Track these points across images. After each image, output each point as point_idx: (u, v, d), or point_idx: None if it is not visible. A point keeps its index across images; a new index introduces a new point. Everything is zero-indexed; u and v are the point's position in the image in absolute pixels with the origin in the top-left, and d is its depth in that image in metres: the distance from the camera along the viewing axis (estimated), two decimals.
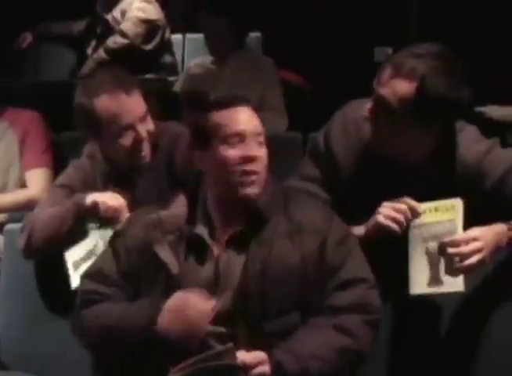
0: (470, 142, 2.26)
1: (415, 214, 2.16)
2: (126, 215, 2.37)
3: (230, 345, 1.92)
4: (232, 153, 2.05)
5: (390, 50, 4.89)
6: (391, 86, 2.13)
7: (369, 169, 2.26)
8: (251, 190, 2.06)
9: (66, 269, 2.36)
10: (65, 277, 2.36)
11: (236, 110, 2.09)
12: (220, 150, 2.06)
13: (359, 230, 2.23)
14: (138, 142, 2.48)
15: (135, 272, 2.11)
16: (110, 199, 2.42)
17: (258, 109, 2.16)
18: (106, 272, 2.14)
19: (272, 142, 2.16)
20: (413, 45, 2.19)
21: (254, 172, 2.05)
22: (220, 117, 2.08)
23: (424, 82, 2.09)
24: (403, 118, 2.14)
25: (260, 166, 2.07)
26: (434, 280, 2.11)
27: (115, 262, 2.14)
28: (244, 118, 2.08)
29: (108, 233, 2.35)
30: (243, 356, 1.93)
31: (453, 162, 2.24)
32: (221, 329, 2.01)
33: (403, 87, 2.11)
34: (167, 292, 2.03)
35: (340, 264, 2.06)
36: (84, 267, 2.32)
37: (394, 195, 2.19)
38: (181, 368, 1.90)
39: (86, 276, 2.19)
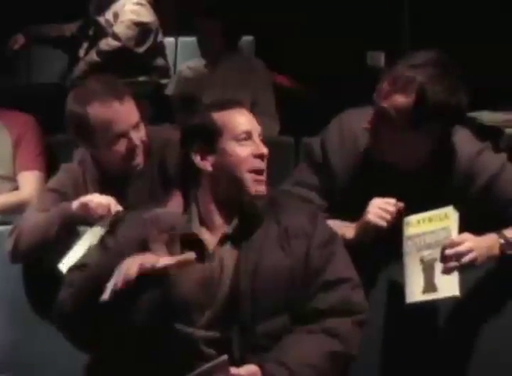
0: (462, 144, 2.30)
1: (400, 210, 2.21)
2: (117, 208, 2.36)
3: (224, 357, 1.90)
4: (244, 150, 2.09)
5: (382, 54, 4.89)
6: (390, 99, 2.17)
7: (366, 178, 2.30)
8: (262, 188, 2.10)
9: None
10: (55, 280, 2.34)
11: (237, 111, 2.13)
12: (230, 148, 2.09)
13: (349, 233, 2.25)
14: (131, 149, 2.48)
15: None
16: (97, 197, 2.41)
17: (250, 112, 2.17)
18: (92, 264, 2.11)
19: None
20: (410, 55, 2.23)
21: (263, 170, 2.11)
22: (224, 117, 2.11)
23: (423, 92, 2.13)
24: (404, 128, 2.18)
25: (266, 164, 2.12)
26: (429, 287, 2.13)
27: (104, 253, 2.12)
28: (247, 118, 2.13)
29: (100, 231, 2.34)
30: (237, 370, 1.92)
31: (448, 165, 2.28)
32: (213, 334, 2.01)
33: (402, 99, 2.16)
34: (162, 290, 2.03)
35: (323, 265, 2.08)
36: None
37: None
38: None
39: (74, 269, 2.16)
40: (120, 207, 2.36)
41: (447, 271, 2.10)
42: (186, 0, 5.25)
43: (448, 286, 2.10)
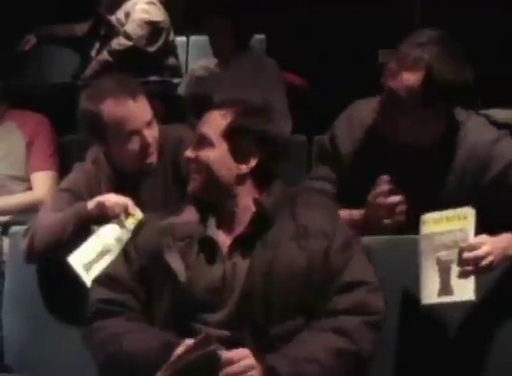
0: (479, 129, 2.32)
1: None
2: (135, 209, 2.36)
3: (203, 334, 1.91)
4: None
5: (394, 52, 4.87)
6: (398, 78, 2.19)
7: (376, 163, 2.30)
8: (190, 186, 2.14)
9: (76, 273, 2.33)
10: (68, 280, 2.35)
11: (207, 114, 2.17)
12: None
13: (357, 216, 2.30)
14: (144, 147, 2.48)
15: (146, 275, 2.11)
16: (113, 197, 2.42)
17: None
18: (119, 278, 2.14)
19: None
20: (415, 34, 2.25)
21: (192, 171, 2.14)
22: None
23: (430, 70, 2.16)
24: (413, 107, 2.19)
25: (196, 167, 2.13)
26: (445, 289, 2.11)
27: (128, 265, 2.15)
28: (202, 123, 2.16)
29: (116, 229, 2.35)
30: (226, 353, 1.91)
31: (462, 149, 2.29)
32: (226, 333, 2.01)
33: (410, 78, 2.18)
34: (175, 297, 2.05)
35: (342, 267, 2.06)
36: (98, 267, 2.30)
37: (400, 188, 2.24)
38: (166, 368, 1.89)
39: (98, 283, 2.18)
40: (138, 211, 2.35)
41: (464, 275, 2.09)
42: None
43: (464, 289, 2.09)
